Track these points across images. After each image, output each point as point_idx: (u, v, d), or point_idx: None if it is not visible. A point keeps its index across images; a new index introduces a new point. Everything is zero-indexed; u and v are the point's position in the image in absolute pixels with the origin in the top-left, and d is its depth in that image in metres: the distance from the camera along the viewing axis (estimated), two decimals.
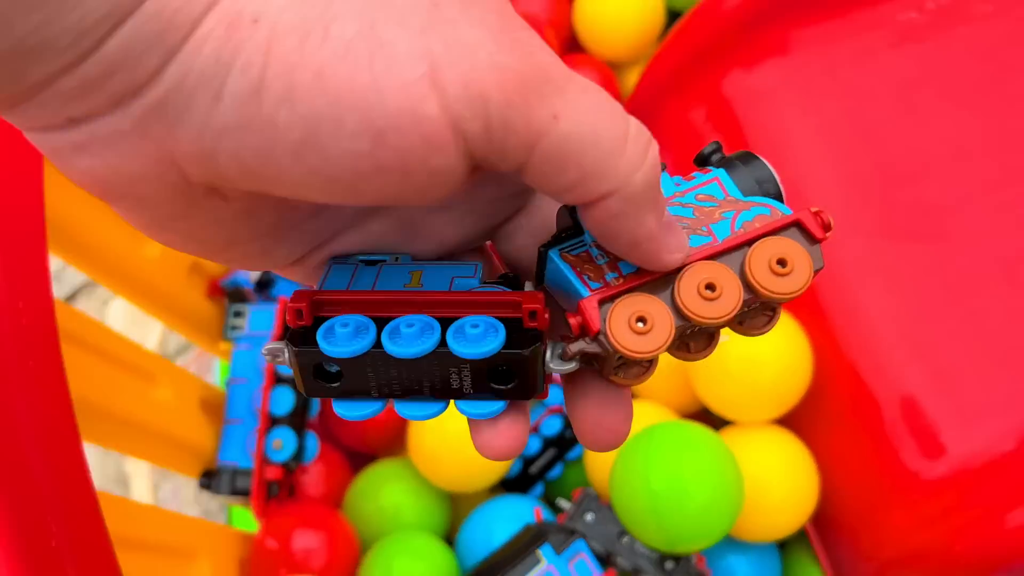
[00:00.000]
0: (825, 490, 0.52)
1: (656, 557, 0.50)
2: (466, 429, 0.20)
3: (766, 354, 0.50)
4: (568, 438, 0.58)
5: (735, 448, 0.50)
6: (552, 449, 0.58)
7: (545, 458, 0.58)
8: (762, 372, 0.50)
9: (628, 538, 0.50)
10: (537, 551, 0.48)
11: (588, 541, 0.49)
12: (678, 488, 0.46)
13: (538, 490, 0.59)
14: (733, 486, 0.47)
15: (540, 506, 0.54)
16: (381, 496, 0.58)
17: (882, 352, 0.50)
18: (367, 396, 0.19)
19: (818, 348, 0.52)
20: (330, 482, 0.60)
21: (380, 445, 0.63)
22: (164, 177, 0.16)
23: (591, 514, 0.51)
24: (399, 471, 0.58)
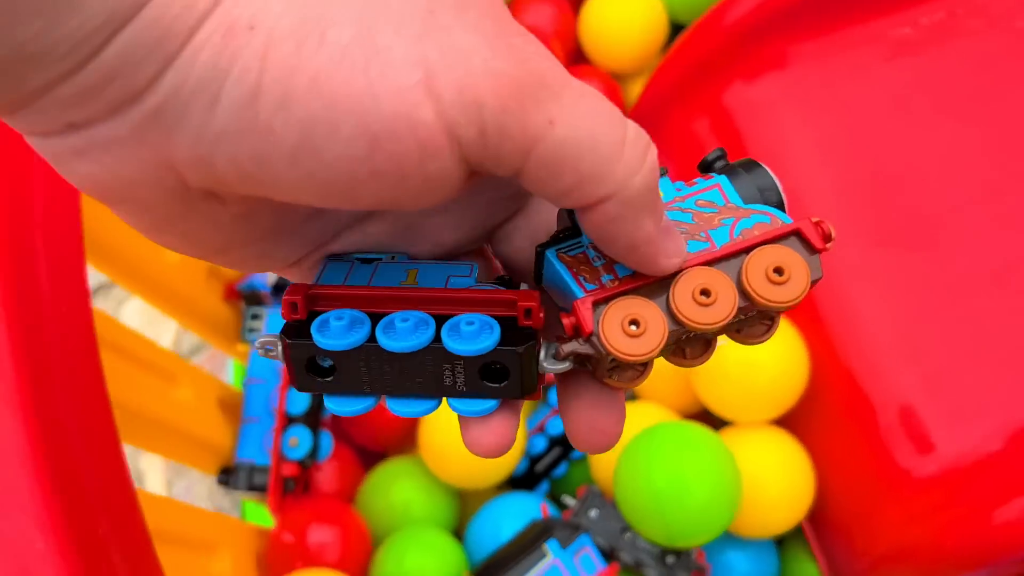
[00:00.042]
0: (821, 488, 0.53)
1: (657, 552, 0.51)
2: None
3: (764, 357, 0.51)
4: None
5: (734, 448, 0.51)
6: (558, 448, 0.59)
7: (551, 456, 0.59)
8: (760, 374, 0.51)
9: (631, 533, 0.51)
10: (543, 545, 0.49)
11: (592, 536, 0.51)
12: (679, 485, 0.47)
13: (544, 487, 0.60)
14: (732, 484, 0.48)
15: (546, 503, 0.55)
16: (392, 492, 0.59)
17: (876, 355, 0.51)
18: (359, 392, 0.19)
19: (814, 352, 0.53)
20: (343, 479, 0.62)
21: (391, 443, 0.64)
22: (162, 182, 0.16)
23: (595, 510, 0.52)
24: (410, 468, 0.59)
